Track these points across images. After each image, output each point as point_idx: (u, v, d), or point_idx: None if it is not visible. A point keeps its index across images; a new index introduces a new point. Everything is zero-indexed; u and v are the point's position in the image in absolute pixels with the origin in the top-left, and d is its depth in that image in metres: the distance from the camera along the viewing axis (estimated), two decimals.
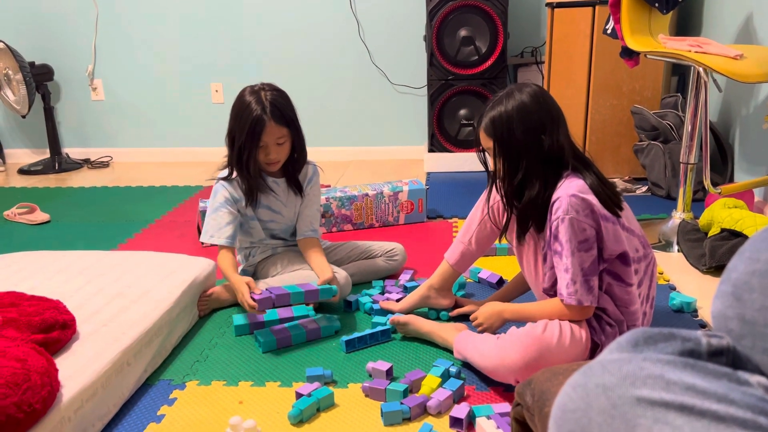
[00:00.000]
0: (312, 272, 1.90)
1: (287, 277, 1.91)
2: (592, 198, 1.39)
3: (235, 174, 1.88)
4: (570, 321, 1.42)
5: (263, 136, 1.79)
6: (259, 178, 1.88)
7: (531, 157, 1.42)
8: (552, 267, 1.46)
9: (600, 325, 1.45)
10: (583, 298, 1.39)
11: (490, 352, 1.46)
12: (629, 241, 1.43)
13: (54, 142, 3.91)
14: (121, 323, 1.56)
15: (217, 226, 1.87)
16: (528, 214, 1.47)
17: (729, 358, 0.52)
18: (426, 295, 1.81)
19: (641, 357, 0.50)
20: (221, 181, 1.89)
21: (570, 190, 1.39)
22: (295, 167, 1.94)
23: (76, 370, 1.35)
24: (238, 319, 1.79)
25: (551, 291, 1.49)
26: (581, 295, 1.39)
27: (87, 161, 3.99)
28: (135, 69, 3.88)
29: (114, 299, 1.68)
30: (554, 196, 1.41)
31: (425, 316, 1.79)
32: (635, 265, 1.44)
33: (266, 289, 1.70)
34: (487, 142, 1.48)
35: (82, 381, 1.32)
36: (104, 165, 3.96)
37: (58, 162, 3.89)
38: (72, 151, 4.05)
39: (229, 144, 1.85)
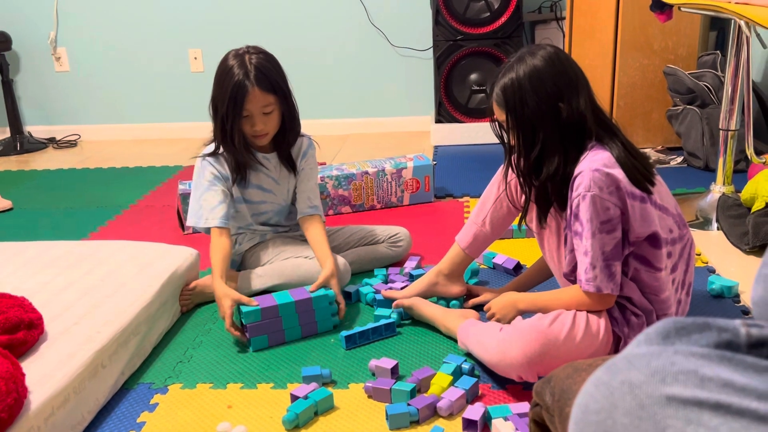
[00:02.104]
0: (304, 260, 1.91)
1: (278, 267, 1.92)
2: (619, 173, 1.38)
3: (221, 149, 1.88)
4: (589, 311, 1.43)
5: (246, 105, 1.79)
6: (246, 152, 1.88)
7: (548, 128, 1.42)
8: (572, 249, 1.46)
9: (624, 315, 1.46)
10: (603, 285, 1.40)
11: (490, 344, 1.48)
12: (662, 221, 1.43)
13: (14, 119, 3.90)
14: (94, 321, 1.57)
15: (209, 207, 1.86)
16: (548, 192, 1.47)
17: None
18: (434, 282, 1.81)
19: (672, 350, 0.50)
20: (207, 158, 1.90)
21: (593, 164, 1.38)
22: (286, 141, 1.94)
23: (45, 374, 1.36)
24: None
25: (572, 276, 1.50)
26: (600, 281, 1.39)
27: (52, 140, 3.99)
28: (103, 35, 3.86)
29: (86, 294, 1.69)
30: (576, 170, 1.41)
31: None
32: (668, 248, 1.44)
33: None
34: (500, 113, 1.49)
35: (52, 386, 1.33)
36: (71, 144, 3.96)
37: (19, 142, 3.89)
38: (35, 129, 4.05)
39: (213, 115, 1.86)
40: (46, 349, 1.45)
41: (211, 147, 1.90)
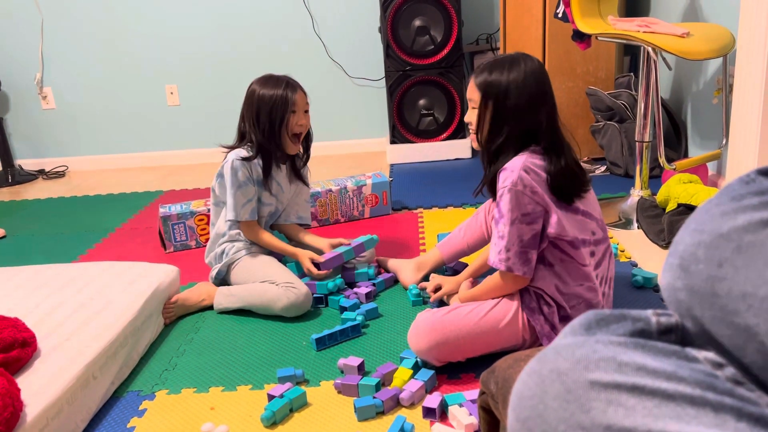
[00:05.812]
0: (270, 286, 1.84)
1: (246, 292, 1.88)
2: (542, 182, 1.42)
3: (251, 153, 1.91)
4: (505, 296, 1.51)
5: (296, 98, 1.89)
6: (281, 150, 1.93)
7: (515, 127, 1.46)
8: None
9: (538, 305, 1.50)
10: (516, 267, 1.43)
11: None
12: (585, 225, 1.46)
13: (5, 154, 3.79)
14: (84, 336, 1.53)
15: (240, 204, 1.92)
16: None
17: (678, 336, 0.53)
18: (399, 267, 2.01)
19: (594, 340, 0.51)
20: (241, 161, 1.90)
21: (525, 165, 1.42)
22: (306, 152, 2.05)
23: (40, 387, 1.32)
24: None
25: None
26: (513, 263, 1.43)
27: (42, 172, 3.88)
28: (85, 75, 3.78)
29: (76, 312, 1.64)
30: (507, 165, 1.44)
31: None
32: (591, 248, 1.48)
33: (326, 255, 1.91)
34: (475, 97, 1.50)
35: (46, 398, 1.29)
36: (60, 175, 3.86)
37: (11, 174, 3.78)
38: (25, 162, 3.93)
39: (255, 122, 1.89)
40: (40, 365, 1.41)
41: (243, 153, 1.91)
